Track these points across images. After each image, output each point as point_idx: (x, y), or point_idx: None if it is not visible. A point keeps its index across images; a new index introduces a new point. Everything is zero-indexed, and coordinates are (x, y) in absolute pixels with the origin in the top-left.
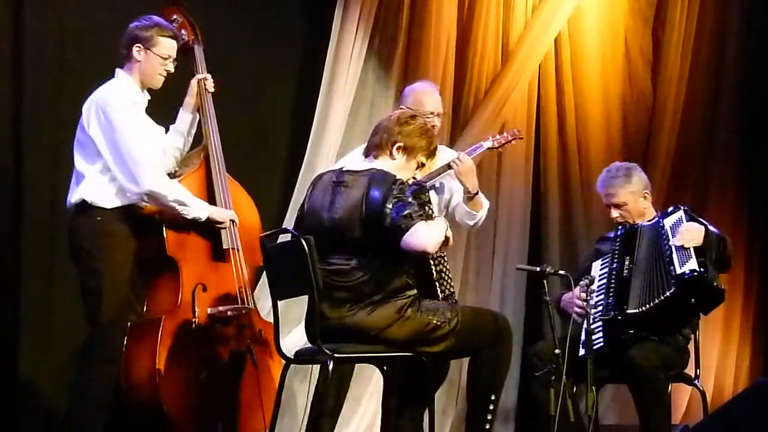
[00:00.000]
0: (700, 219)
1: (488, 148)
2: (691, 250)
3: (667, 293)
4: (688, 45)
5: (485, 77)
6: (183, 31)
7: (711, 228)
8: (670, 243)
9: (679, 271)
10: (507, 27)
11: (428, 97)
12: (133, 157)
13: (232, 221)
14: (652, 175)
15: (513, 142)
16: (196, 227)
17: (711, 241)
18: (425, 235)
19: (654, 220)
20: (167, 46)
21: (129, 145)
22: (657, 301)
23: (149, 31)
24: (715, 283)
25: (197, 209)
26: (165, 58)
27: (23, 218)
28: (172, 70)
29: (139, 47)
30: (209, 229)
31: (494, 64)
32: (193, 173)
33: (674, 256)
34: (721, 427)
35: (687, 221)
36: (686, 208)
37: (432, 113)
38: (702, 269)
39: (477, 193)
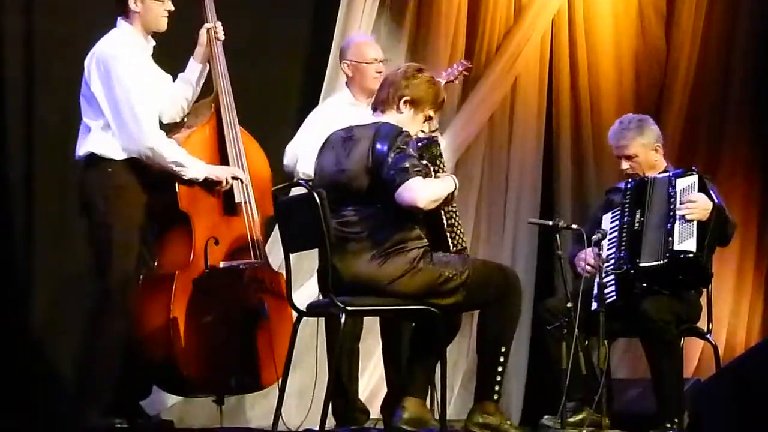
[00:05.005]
0: (710, 189)
1: (444, 83)
2: (694, 225)
3: (660, 262)
4: (703, 0)
5: (497, 32)
6: None
7: (717, 200)
8: (676, 211)
9: (676, 246)
10: None
11: (368, 47)
12: (134, 115)
13: (235, 177)
14: (664, 132)
15: (464, 72)
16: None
17: (716, 219)
18: (418, 191)
19: (666, 175)
20: None
21: (130, 103)
22: (655, 264)
23: None
24: (706, 267)
25: (194, 170)
26: (162, 0)
27: (35, 172)
28: (173, 8)
29: None
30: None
31: (506, 19)
32: (204, 125)
33: (676, 227)
34: (732, 381)
35: (698, 190)
36: (701, 174)
37: (376, 60)
38: (699, 252)
39: None
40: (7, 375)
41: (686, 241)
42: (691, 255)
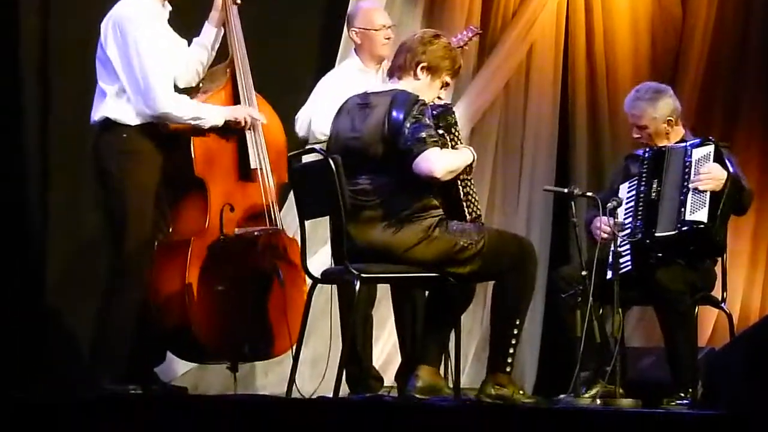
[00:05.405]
0: (727, 159)
1: None
2: (707, 195)
3: (673, 232)
4: None
5: None
6: None
7: (733, 170)
8: (690, 182)
9: (687, 217)
10: None
11: (375, 13)
12: (147, 80)
13: (253, 119)
14: (679, 98)
15: (474, 38)
16: (223, 145)
17: (730, 189)
18: (435, 162)
19: (683, 145)
20: None
21: (144, 67)
22: (669, 234)
23: None
24: (718, 238)
25: (213, 117)
26: None
27: (49, 139)
28: None
29: None
30: (237, 148)
31: None
32: (220, 90)
33: (688, 197)
34: (746, 350)
35: (714, 160)
36: (717, 144)
37: (384, 26)
38: (710, 223)
39: None
40: (22, 343)
41: (698, 212)
42: (702, 226)
